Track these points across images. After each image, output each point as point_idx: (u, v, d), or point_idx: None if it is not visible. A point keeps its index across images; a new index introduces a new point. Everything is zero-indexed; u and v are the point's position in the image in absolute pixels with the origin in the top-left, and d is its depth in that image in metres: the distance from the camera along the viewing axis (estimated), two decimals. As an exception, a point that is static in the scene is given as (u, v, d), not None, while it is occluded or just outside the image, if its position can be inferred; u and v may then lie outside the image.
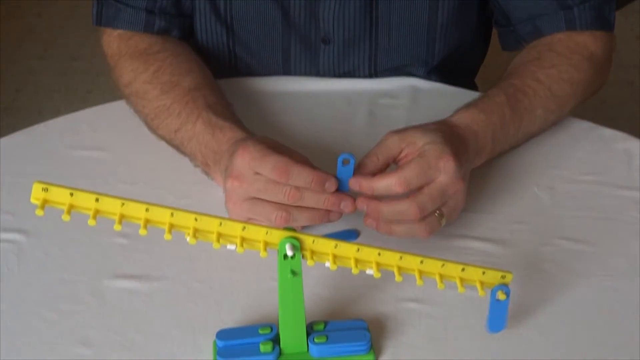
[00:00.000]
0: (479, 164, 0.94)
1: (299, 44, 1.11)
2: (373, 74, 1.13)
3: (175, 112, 0.97)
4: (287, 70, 1.13)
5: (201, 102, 0.96)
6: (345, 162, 0.84)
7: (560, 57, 1.02)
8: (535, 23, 1.06)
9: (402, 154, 0.86)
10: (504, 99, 0.96)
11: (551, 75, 1.00)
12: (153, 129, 1.00)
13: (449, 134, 0.88)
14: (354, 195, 0.84)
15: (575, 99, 1.03)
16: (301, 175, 0.82)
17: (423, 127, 0.88)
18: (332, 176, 0.83)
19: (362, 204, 0.84)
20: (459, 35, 1.13)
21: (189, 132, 0.95)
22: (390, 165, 0.87)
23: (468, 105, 0.95)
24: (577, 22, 1.04)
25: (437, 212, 0.84)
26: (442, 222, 0.84)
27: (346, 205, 0.84)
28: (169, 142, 0.98)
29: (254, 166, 0.82)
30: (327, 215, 0.85)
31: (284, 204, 0.82)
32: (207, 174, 0.94)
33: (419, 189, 0.83)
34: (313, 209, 0.83)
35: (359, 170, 0.85)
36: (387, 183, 0.83)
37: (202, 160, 0.94)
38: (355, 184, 0.84)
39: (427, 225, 0.83)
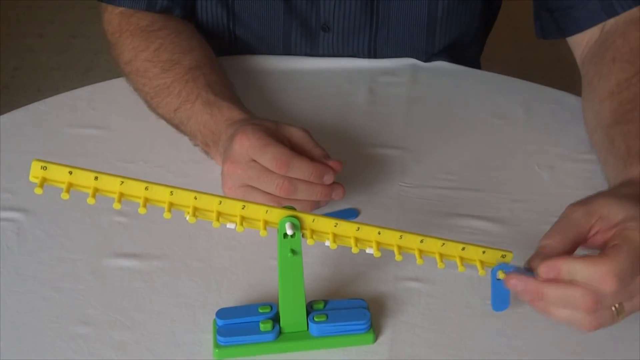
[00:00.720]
0: None
1: (299, 29, 1.10)
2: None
3: (175, 91, 0.96)
4: (287, 54, 1.13)
5: (201, 81, 0.96)
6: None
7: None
8: (571, 14, 0.99)
9: (592, 232, 0.70)
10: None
11: None
12: (153, 108, 1.00)
13: None
14: None
15: None
16: (301, 169, 0.81)
17: (614, 194, 0.72)
18: (330, 168, 0.83)
19: (520, 281, 0.69)
20: (461, 24, 1.11)
21: (188, 111, 0.94)
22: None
23: (627, 164, 0.78)
24: (616, 4, 0.95)
25: (616, 305, 0.67)
26: (618, 318, 0.68)
27: (337, 194, 0.84)
28: (169, 121, 0.98)
29: (252, 154, 0.82)
30: (317, 205, 0.85)
31: (276, 196, 0.82)
32: (207, 153, 0.94)
33: None
34: (305, 200, 0.83)
35: (542, 254, 0.69)
36: (592, 272, 0.65)
37: (202, 140, 0.93)
38: (550, 267, 0.67)
39: (598, 318, 0.67)
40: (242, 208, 0.71)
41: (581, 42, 1.00)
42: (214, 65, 1.01)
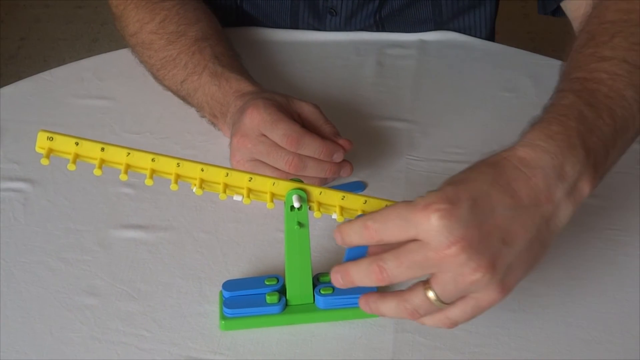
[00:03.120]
0: (593, 187, 0.65)
1: (307, 10, 1.09)
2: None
3: (181, 63, 0.96)
4: (294, 23, 1.12)
5: (208, 53, 0.95)
6: None
7: (616, 23, 0.78)
8: None
9: None
10: (574, 98, 0.69)
11: (618, 47, 0.75)
12: (159, 80, 0.99)
13: (475, 176, 0.63)
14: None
15: None
16: (311, 146, 0.81)
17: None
18: (340, 147, 0.83)
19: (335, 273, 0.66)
20: None
21: (195, 83, 0.94)
22: None
23: (533, 125, 0.68)
24: None
25: (429, 289, 0.62)
26: (435, 302, 0.62)
27: (345, 171, 0.84)
28: (176, 93, 0.98)
29: (263, 128, 0.82)
30: (324, 181, 0.85)
31: (284, 171, 0.82)
32: (214, 125, 0.94)
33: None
34: (312, 176, 0.83)
35: None
36: (356, 226, 0.63)
37: (209, 111, 0.93)
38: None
39: (407, 303, 0.63)
40: (249, 180, 0.71)
41: (577, 14, 0.98)
42: (220, 36, 1.00)
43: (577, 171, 0.64)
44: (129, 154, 0.69)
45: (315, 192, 0.71)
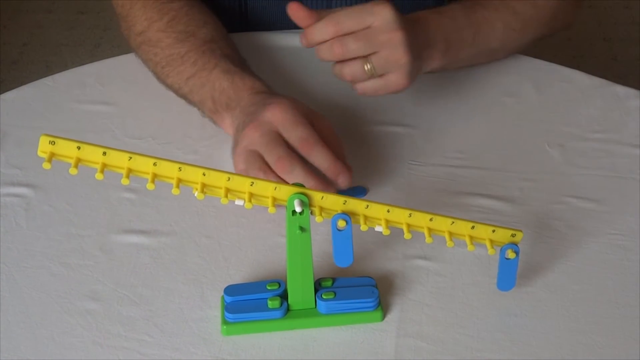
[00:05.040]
0: (435, 66, 0.95)
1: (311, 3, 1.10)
2: None
3: (190, 60, 0.96)
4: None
5: (218, 53, 0.96)
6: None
7: None
8: None
9: None
10: (459, 6, 0.96)
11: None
12: (162, 77, 0.99)
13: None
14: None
15: (539, 24, 1.02)
16: (323, 157, 0.81)
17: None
18: (347, 171, 0.82)
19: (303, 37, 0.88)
20: None
21: (203, 78, 0.94)
22: None
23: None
24: None
25: (364, 60, 0.85)
26: (367, 69, 0.85)
27: (331, 189, 0.82)
28: (177, 91, 0.98)
29: (282, 126, 0.82)
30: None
31: (270, 168, 0.81)
32: (213, 121, 0.94)
33: None
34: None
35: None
36: (320, 24, 0.85)
37: (212, 106, 0.93)
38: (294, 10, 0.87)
39: (348, 67, 0.86)
40: (251, 185, 0.71)
41: None
42: (228, 40, 1.01)
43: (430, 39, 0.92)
44: (130, 158, 0.69)
45: (317, 196, 0.71)
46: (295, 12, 0.88)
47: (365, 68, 0.86)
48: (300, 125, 0.82)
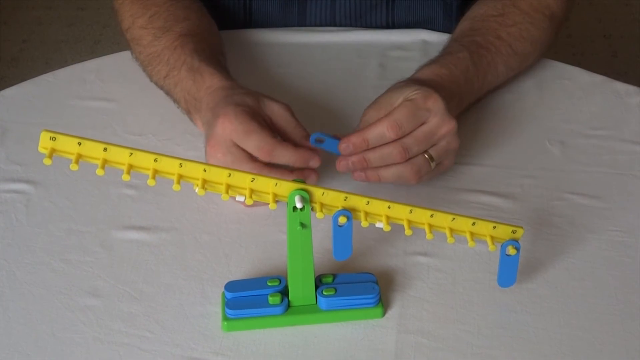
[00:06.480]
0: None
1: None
2: (391, 26, 1.12)
3: (164, 58, 0.96)
4: (301, 21, 1.12)
5: (189, 47, 0.95)
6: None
7: (523, 14, 1.02)
8: None
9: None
10: (467, 54, 0.96)
11: (513, 34, 1.00)
12: (149, 76, 1.00)
13: (420, 84, 0.87)
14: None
15: (534, 56, 1.04)
16: (285, 156, 0.82)
17: (392, 88, 0.88)
18: (315, 153, 0.83)
19: (347, 160, 0.83)
20: None
21: (175, 78, 0.94)
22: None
23: (430, 62, 0.95)
24: None
25: (426, 154, 0.84)
26: (432, 164, 0.84)
27: (311, 180, 0.84)
28: (162, 89, 0.98)
29: (235, 138, 0.81)
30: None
31: None
32: (192, 120, 0.94)
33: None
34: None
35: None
36: (379, 130, 0.82)
37: (185, 106, 0.93)
38: (346, 142, 0.83)
39: (414, 166, 0.84)
40: (252, 181, 0.71)
41: None
42: (206, 34, 0.99)
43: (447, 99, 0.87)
44: (131, 154, 0.69)
45: (318, 192, 0.71)
46: (347, 146, 0.83)
47: (432, 165, 0.85)
48: (252, 133, 0.81)
